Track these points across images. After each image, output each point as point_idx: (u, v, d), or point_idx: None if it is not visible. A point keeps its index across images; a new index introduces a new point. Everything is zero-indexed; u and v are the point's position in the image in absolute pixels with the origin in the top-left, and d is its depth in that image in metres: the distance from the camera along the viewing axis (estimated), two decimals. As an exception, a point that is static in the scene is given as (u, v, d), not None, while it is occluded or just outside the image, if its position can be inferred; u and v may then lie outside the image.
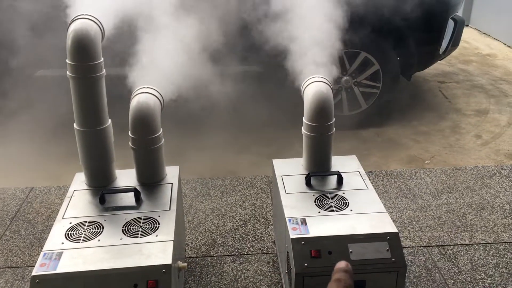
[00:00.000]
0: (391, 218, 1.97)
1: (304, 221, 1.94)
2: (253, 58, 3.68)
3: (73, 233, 1.90)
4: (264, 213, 2.84)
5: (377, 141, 3.92)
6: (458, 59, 5.72)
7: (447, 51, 4.29)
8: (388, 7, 3.72)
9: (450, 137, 3.98)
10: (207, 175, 3.31)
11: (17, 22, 3.28)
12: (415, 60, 4.09)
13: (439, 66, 5.34)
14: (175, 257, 1.85)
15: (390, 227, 1.90)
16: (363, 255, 1.83)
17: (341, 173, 2.18)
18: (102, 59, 2.02)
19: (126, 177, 2.24)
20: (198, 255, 2.51)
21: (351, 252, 1.83)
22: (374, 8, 3.52)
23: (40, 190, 3.09)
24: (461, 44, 4.90)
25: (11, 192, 3.07)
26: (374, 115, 4.09)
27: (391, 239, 1.86)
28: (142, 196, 2.11)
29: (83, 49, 1.95)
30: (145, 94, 2.12)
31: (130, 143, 2.14)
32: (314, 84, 2.22)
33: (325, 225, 1.92)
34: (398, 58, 4.02)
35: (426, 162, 3.63)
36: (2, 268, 2.44)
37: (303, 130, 2.24)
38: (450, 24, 4.13)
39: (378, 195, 2.13)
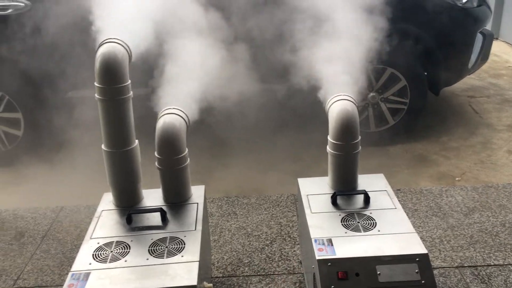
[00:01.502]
0: (421, 238, 1.92)
1: (330, 242, 1.91)
2: (279, 76, 3.69)
3: (100, 254, 1.92)
4: (290, 232, 2.81)
5: (406, 158, 3.85)
6: (488, 73, 5.61)
7: (476, 66, 4.21)
8: (415, 22, 3.69)
9: (481, 153, 3.88)
10: (233, 193, 3.31)
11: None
12: (443, 75, 4.03)
13: (468, 80, 5.23)
14: (200, 278, 1.85)
15: (420, 248, 1.85)
16: (392, 277, 1.78)
17: (368, 192, 2.15)
18: (129, 81, 2.06)
19: (152, 196, 2.26)
20: (224, 275, 2.50)
21: (379, 274, 1.79)
22: (401, 23, 3.50)
23: (70, 209, 3.15)
24: (491, 57, 4.80)
25: (42, 211, 3.14)
26: (402, 131, 4.03)
27: (421, 260, 1.81)
28: (168, 216, 2.13)
29: (110, 72, 1.99)
30: (171, 115, 2.15)
31: (156, 163, 2.16)
32: (339, 103, 2.21)
33: (352, 246, 1.89)
34: (425, 73, 3.98)
35: (457, 179, 3.55)
36: (33, 287, 2.48)
37: (328, 149, 2.22)
38: (479, 38, 4.06)
39: (407, 214, 2.09)
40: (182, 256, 1.88)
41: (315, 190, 2.26)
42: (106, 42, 2.04)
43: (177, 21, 2.34)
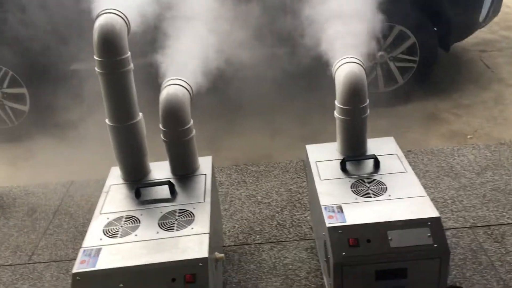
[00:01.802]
0: (433, 199, 1.90)
1: (340, 209, 1.89)
2: (285, 39, 3.61)
3: (111, 229, 1.92)
4: (301, 198, 2.80)
5: (416, 117, 3.78)
6: (500, 26, 5.42)
7: (488, 19, 4.06)
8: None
9: (493, 109, 3.80)
10: (242, 160, 3.30)
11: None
12: (453, 30, 3.90)
13: (479, 34, 5.06)
14: (211, 249, 1.85)
15: (431, 212, 1.83)
16: (404, 242, 1.77)
17: (378, 157, 2.11)
18: (129, 53, 2.01)
19: (160, 169, 2.25)
20: (236, 244, 2.51)
21: (390, 239, 1.77)
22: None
23: (80, 183, 3.16)
24: (503, 9, 4.62)
25: (53, 186, 3.16)
26: (412, 90, 3.94)
27: (433, 224, 1.79)
28: (177, 188, 2.11)
29: (109, 44, 1.94)
30: (174, 86, 2.10)
31: (161, 135, 2.14)
32: (346, 65, 2.14)
33: (363, 212, 1.86)
34: (435, 29, 3.85)
35: (469, 136, 3.49)
36: (48, 262, 2.51)
37: (336, 114, 2.17)
38: (491, -11, 3.90)
39: (419, 175, 2.05)
40: (192, 229, 1.87)
41: (324, 156, 2.23)
42: (103, 13, 1.98)
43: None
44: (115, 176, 2.25)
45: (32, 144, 3.82)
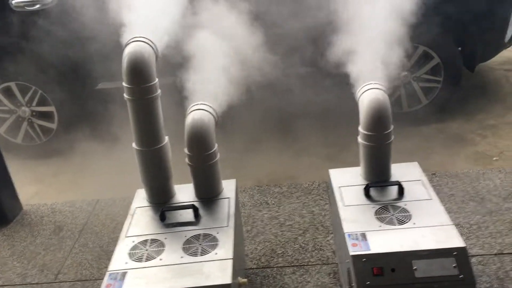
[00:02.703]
0: (458, 224, 1.88)
1: (364, 236, 1.89)
2: (312, 60, 3.63)
3: (136, 252, 1.95)
4: (323, 221, 2.79)
5: (441, 138, 3.75)
6: (526, 44, 5.35)
7: (513, 39, 4.03)
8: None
9: (520, 130, 3.74)
10: (265, 180, 3.31)
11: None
12: (478, 50, 3.87)
13: (505, 53, 5.01)
14: (235, 274, 1.86)
15: (457, 241, 1.81)
16: (429, 272, 1.75)
17: (402, 183, 2.10)
18: (157, 79, 2.06)
19: (184, 192, 2.28)
20: (258, 266, 2.52)
21: (415, 269, 1.76)
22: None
23: (105, 202, 3.21)
24: (529, 28, 4.57)
25: (79, 205, 3.22)
26: (436, 110, 3.91)
27: (459, 254, 1.77)
28: (201, 211, 2.14)
29: (138, 72, 1.99)
30: (199, 111, 2.14)
31: (186, 159, 2.17)
32: (370, 92, 2.14)
33: (387, 240, 1.85)
34: (459, 49, 3.83)
35: (494, 158, 3.43)
36: (73, 281, 2.56)
37: (360, 140, 2.17)
38: (516, 10, 3.86)
39: (443, 199, 2.04)
40: (216, 254, 1.89)
41: (347, 182, 2.23)
42: (132, 41, 2.03)
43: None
44: (140, 198, 2.29)
45: (59, 161, 3.91)
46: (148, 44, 2.03)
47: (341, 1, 2.41)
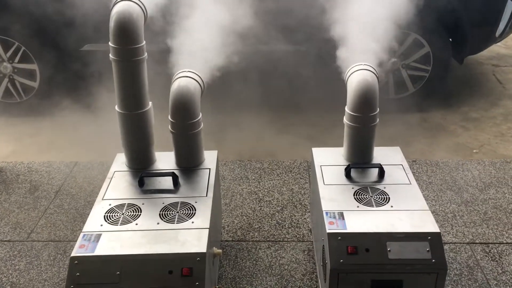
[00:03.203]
0: (434, 212, 1.90)
1: (341, 215, 1.90)
2: (297, 37, 3.60)
3: (112, 215, 1.93)
4: (302, 199, 2.80)
5: (424, 127, 3.78)
6: (516, 41, 5.40)
7: (504, 34, 4.04)
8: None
9: (502, 125, 3.79)
10: (246, 155, 3.30)
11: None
12: (468, 43, 3.88)
13: (494, 48, 5.04)
14: (210, 244, 1.86)
15: (432, 227, 1.83)
16: (402, 254, 1.77)
17: (383, 166, 2.11)
18: (144, 42, 2.01)
19: (165, 160, 2.26)
20: (233, 239, 2.52)
21: (389, 250, 1.78)
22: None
23: (83, 165, 3.17)
24: (521, 25, 4.59)
25: (56, 166, 3.17)
26: (422, 99, 3.93)
27: (433, 239, 1.79)
28: (180, 180, 2.12)
29: (125, 32, 1.94)
30: (185, 78, 2.10)
31: (169, 127, 2.14)
32: (359, 72, 2.13)
33: (364, 221, 1.87)
34: (450, 40, 3.83)
35: (475, 151, 3.48)
36: (46, 241, 2.53)
37: (345, 120, 2.17)
38: (509, 5, 3.87)
39: (422, 186, 2.06)
40: (193, 223, 1.88)
41: (329, 161, 2.23)
42: (120, 0, 1.97)
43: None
44: (120, 162, 2.26)
45: (38, 121, 3.84)
46: (137, 3, 1.98)
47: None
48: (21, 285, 2.27)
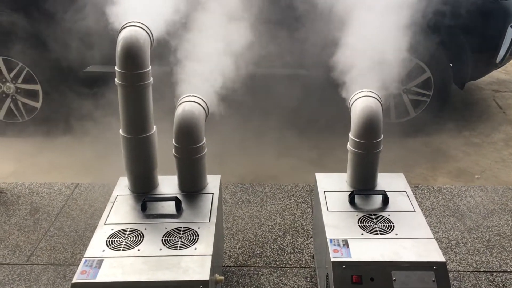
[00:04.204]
0: (437, 238, 1.89)
1: (346, 243, 1.88)
2: (300, 62, 3.63)
3: (114, 241, 1.91)
4: (304, 224, 2.79)
5: (425, 151, 3.78)
6: (515, 67, 5.44)
7: (505, 61, 4.07)
8: (443, 12, 3.57)
9: (503, 150, 3.79)
10: (248, 178, 3.29)
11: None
12: (469, 68, 3.91)
13: (494, 73, 5.09)
14: (213, 271, 1.84)
15: (438, 256, 1.81)
16: (407, 284, 1.75)
17: (387, 193, 2.10)
18: (150, 67, 2.02)
19: (168, 184, 2.25)
20: (235, 265, 2.50)
21: (394, 280, 1.76)
22: (427, 12, 3.38)
23: (84, 187, 3.15)
24: (520, 51, 4.64)
25: (57, 187, 3.15)
26: (423, 124, 3.94)
27: (438, 269, 1.77)
28: (183, 205, 2.11)
29: (132, 57, 1.95)
30: (190, 103, 2.11)
31: (173, 151, 2.14)
32: (363, 99, 2.14)
33: (368, 249, 1.85)
34: (451, 65, 3.86)
35: (476, 176, 3.47)
36: (46, 264, 2.50)
37: (349, 146, 2.16)
38: (510, 32, 3.91)
39: (424, 213, 2.04)
40: (196, 249, 1.86)
41: (333, 187, 2.22)
42: (127, 26, 1.99)
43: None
44: (122, 186, 2.25)
45: (40, 141, 3.83)
46: (144, 29, 1.99)
47: (341, 8, 2.41)
48: (20, 310, 2.24)
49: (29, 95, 3.92)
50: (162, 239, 1.92)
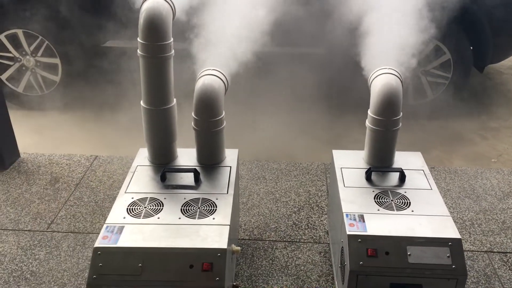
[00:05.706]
0: (452, 219, 1.89)
1: (362, 218, 1.90)
2: (319, 40, 3.61)
3: (134, 208, 1.95)
4: (319, 201, 2.81)
5: (441, 134, 3.77)
6: (537, 51, 5.34)
7: (527, 44, 4.02)
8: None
9: (521, 135, 3.77)
10: (264, 157, 3.31)
11: None
12: (490, 51, 3.86)
13: (515, 57, 5.02)
14: (230, 241, 1.88)
15: (453, 233, 1.83)
16: (422, 259, 1.77)
17: (404, 170, 2.11)
18: (172, 39, 2.04)
19: (186, 156, 2.28)
20: (250, 238, 2.53)
21: (409, 254, 1.78)
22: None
23: (103, 159, 3.20)
24: (542, 36, 4.56)
25: (77, 159, 3.21)
26: (441, 106, 3.92)
27: (453, 245, 1.79)
28: (201, 177, 2.14)
29: (154, 29, 1.97)
30: (210, 76, 2.13)
31: (193, 124, 2.16)
32: (383, 76, 2.14)
33: (384, 224, 1.87)
34: (471, 47, 3.82)
35: (493, 160, 3.46)
36: (66, 232, 2.56)
37: (367, 123, 2.17)
38: (533, 15, 3.85)
39: (440, 193, 2.05)
40: (214, 219, 1.90)
41: (350, 164, 2.23)
42: (151, -3, 2.00)
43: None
44: (142, 157, 2.29)
45: (59, 115, 3.89)
46: (166, 1, 2.00)
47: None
48: (41, 274, 2.30)
49: (49, 68, 3.97)
50: (181, 209, 1.95)
